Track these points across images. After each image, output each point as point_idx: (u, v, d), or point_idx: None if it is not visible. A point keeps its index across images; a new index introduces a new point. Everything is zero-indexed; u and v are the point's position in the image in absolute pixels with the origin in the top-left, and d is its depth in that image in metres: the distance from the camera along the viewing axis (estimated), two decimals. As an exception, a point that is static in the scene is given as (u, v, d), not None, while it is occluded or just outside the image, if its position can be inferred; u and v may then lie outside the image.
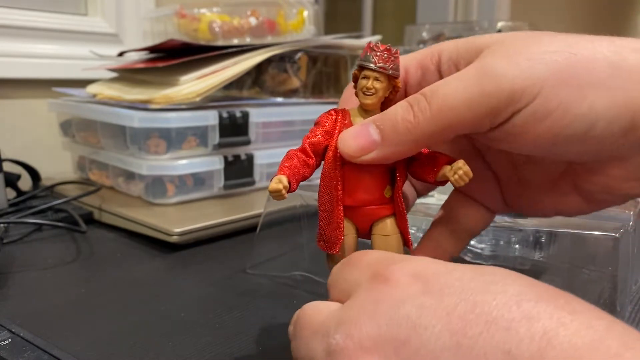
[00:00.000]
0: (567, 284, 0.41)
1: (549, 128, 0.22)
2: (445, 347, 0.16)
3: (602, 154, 0.24)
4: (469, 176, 0.24)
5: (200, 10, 0.65)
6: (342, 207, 0.26)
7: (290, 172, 0.25)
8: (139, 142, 0.55)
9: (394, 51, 0.25)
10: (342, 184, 0.26)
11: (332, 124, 0.26)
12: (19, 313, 0.35)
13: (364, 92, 0.25)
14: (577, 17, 2.65)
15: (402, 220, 0.26)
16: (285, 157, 0.25)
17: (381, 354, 0.17)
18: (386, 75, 0.25)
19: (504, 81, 0.22)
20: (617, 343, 0.15)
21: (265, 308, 0.37)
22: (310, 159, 0.26)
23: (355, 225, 0.27)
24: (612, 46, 0.22)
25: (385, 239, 0.26)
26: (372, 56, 0.25)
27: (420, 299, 0.18)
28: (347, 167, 0.26)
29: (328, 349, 0.19)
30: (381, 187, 0.26)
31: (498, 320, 0.16)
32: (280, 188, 0.23)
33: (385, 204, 0.26)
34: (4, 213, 0.53)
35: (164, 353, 0.30)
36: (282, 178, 0.24)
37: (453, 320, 0.17)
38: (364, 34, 1.82)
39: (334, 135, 0.26)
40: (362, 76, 0.25)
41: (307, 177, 0.26)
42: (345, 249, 0.26)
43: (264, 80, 0.69)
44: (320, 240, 0.27)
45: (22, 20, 0.71)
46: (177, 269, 0.44)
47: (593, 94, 0.22)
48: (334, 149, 0.25)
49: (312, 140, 0.26)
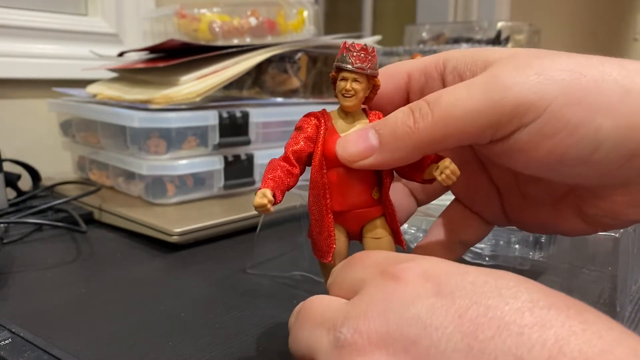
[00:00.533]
0: (567, 284, 0.41)
1: (555, 147, 0.22)
2: (457, 348, 0.16)
3: (606, 179, 0.23)
4: (455, 174, 0.23)
5: (200, 11, 0.65)
6: (331, 215, 0.26)
7: (275, 184, 0.24)
8: (139, 142, 0.55)
9: (370, 50, 0.25)
10: (329, 191, 0.25)
11: (313, 129, 0.26)
12: (19, 313, 0.35)
13: (343, 95, 0.25)
14: (576, 17, 2.65)
15: (393, 220, 0.26)
16: (267, 167, 0.25)
17: (390, 351, 0.17)
18: (365, 75, 0.25)
19: (511, 93, 0.22)
20: (627, 352, 0.15)
21: (265, 308, 0.37)
22: (294, 168, 0.25)
23: (345, 230, 0.27)
24: (623, 70, 0.22)
25: (377, 241, 0.26)
26: (349, 57, 0.25)
27: (431, 300, 0.18)
28: (333, 171, 0.25)
29: (335, 343, 0.19)
30: (369, 190, 0.26)
31: (510, 326, 0.16)
32: (265, 203, 0.23)
33: (374, 206, 0.26)
34: (4, 213, 0.53)
35: (164, 353, 0.30)
36: (267, 192, 0.23)
37: (465, 323, 0.16)
38: (364, 34, 1.82)
39: (318, 142, 0.25)
40: (340, 78, 0.25)
41: (292, 186, 0.25)
42: (336, 255, 0.26)
43: (264, 80, 0.69)
44: (314, 249, 0.27)
45: (22, 20, 0.71)
46: (177, 269, 0.44)
47: (601, 116, 0.21)
48: (320, 157, 0.25)
49: (294, 148, 0.26)
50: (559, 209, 0.27)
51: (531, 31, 0.98)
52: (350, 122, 0.26)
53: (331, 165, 0.25)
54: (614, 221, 0.25)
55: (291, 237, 0.51)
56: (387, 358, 0.17)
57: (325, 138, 0.25)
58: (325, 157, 0.25)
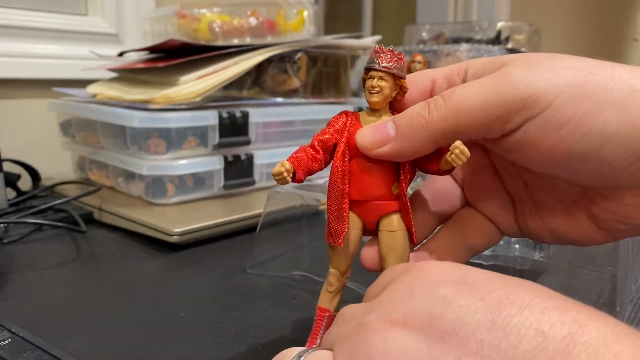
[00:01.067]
0: (567, 284, 0.41)
1: (562, 140, 0.22)
2: (481, 322, 0.17)
3: (615, 178, 0.23)
4: (465, 155, 0.24)
5: (200, 11, 0.65)
6: (347, 200, 0.26)
7: (296, 161, 0.25)
8: (139, 142, 0.55)
9: (397, 52, 0.27)
10: (349, 178, 0.26)
11: (342, 124, 0.27)
12: (19, 313, 0.35)
13: (369, 91, 0.26)
14: (577, 17, 2.65)
15: (408, 216, 0.27)
16: (295, 151, 0.26)
17: (412, 327, 0.18)
18: (391, 75, 0.26)
19: (520, 86, 0.23)
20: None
21: (265, 308, 0.37)
22: (317, 154, 0.27)
23: (362, 221, 0.27)
24: (633, 73, 0.22)
25: (392, 234, 0.27)
26: (376, 58, 0.26)
27: (456, 285, 0.19)
28: (356, 161, 0.27)
29: (358, 328, 0.19)
30: (389, 183, 0.27)
31: (532, 307, 0.17)
32: (282, 170, 0.24)
33: (393, 200, 0.27)
34: (4, 213, 0.53)
35: (164, 353, 0.30)
36: (285, 162, 0.25)
37: (488, 303, 0.17)
38: (364, 34, 1.82)
39: (343, 134, 0.27)
40: (368, 77, 0.27)
41: (316, 170, 0.27)
42: (349, 242, 0.27)
43: (264, 80, 0.69)
44: (328, 234, 0.27)
45: (22, 20, 0.71)
46: (177, 269, 0.44)
47: (608, 111, 0.22)
48: (344, 145, 0.26)
49: (321, 137, 0.27)
50: (571, 214, 0.27)
51: (531, 31, 0.98)
52: (377, 118, 0.27)
53: (354, 155, 0.26)
54: (626, 226, 0.25)
55: (291, 237, 0.51)
56: (408, 334, 0.18)
57: (351, 131, 0.27)
58: (349, 146, 0.27)
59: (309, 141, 0.27)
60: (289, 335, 0.33)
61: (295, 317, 0.35)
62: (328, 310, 0.28)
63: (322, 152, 0.27)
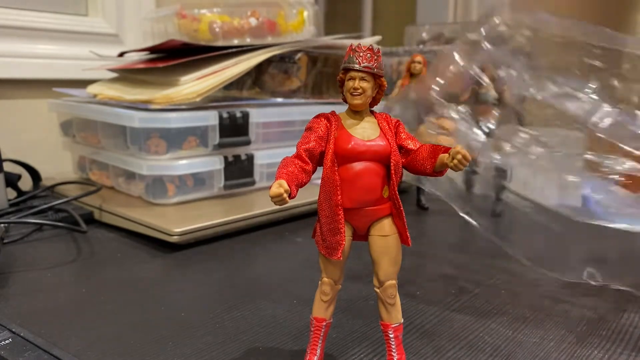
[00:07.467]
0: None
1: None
2: None
3: None
4: (467, 160, 0.24)
5: (201, 11, 0.65)
6: (342, 212, 0.26)
7: (289, 177, 0.24)
8: (139, 142, 0.55)
9: (375, 50, 0.26)
10: (340, 188, 0.26)
11: (324, 129, 0.26)
12: (19, 313, 0.35)
13: (351, 94, 0.26)
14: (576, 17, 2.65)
15: (400, 219, 0.27)
16: (281, 164, 0.25)
17: None
18: (371, 75, 0.25)
19: None
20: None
21: (265, 308, 0.37)
22: (306, 165, 0.26)
23: (352, 228, 0.27)
24: None
25: (385, 239, 0.27)
26: (355, 57, 0.25)
27: None
28: (344, 168, 0.26)
29: None
30: (379, 187, 0.26)
31: None
32: (281, 192, 0.23)
33: (384, 204, 0.27)
34: (5, 213, 0.53)
35: (164, 353, 0.31)
36: (283, 182, 0.23)
37: None
38: (364, 34, 1.82)
39: (329, 141, 0.26)
40: (347, 78, 0.26)
41: (305, 182, 0.26)
42: (343, 250, 0.26)
43: (264, 80, 0.69)
44: (322, 246, 0.27)
45: (23, 20, 0.71)
46: (177, 269, 0.44)
47: None
48: (331, 154, 0.26)
49: (306, 146, 0.26)
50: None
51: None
52: (359, 120, 0.26)
53: (342, 162, 0.26)
54: None
55: (291, 237, 0.51)
56: None
57: (336, 136, 0.26)
58: (337, 154, 0.26)
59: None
60: (289, 336, 0.33)
61: (295, 317, 0.35)
62: (324, 319, 0.28)
63: (309, 162, 0.26)
